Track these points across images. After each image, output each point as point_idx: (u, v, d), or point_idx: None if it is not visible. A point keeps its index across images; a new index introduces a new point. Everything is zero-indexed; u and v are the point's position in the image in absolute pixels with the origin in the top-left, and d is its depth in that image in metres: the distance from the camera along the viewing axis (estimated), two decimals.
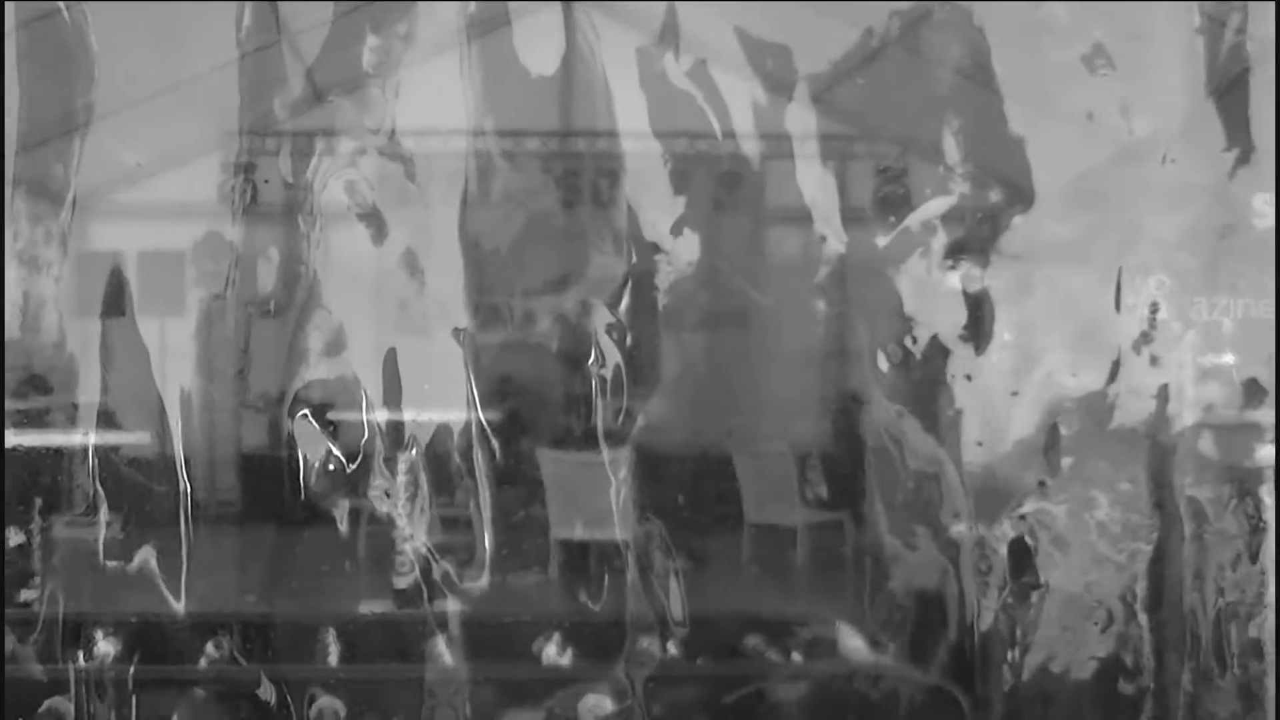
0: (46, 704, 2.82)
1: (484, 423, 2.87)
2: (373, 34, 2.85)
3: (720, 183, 2.86)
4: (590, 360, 2.89)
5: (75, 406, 2.93)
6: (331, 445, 2.88)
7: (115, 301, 2.92)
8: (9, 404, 2.91)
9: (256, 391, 2.97)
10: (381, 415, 2.90)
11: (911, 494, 2.89)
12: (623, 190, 2.87)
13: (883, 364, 2.85)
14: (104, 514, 2.89)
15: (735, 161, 2.89)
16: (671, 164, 2.89)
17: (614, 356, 2.88)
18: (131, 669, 2.85)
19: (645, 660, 2.85)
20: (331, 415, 2.90)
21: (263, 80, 2.91)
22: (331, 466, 2.89)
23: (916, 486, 2.87)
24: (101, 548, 2.90)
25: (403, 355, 2.91)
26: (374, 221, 2.88)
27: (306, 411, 2.89)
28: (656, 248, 2.90)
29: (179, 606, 2.86)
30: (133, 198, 2.93)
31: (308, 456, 2.89)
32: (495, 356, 2.87)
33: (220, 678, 2.83)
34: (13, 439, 2.90)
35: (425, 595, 2.89)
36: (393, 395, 2.90)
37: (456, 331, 2.87)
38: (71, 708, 2.82)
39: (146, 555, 2.88)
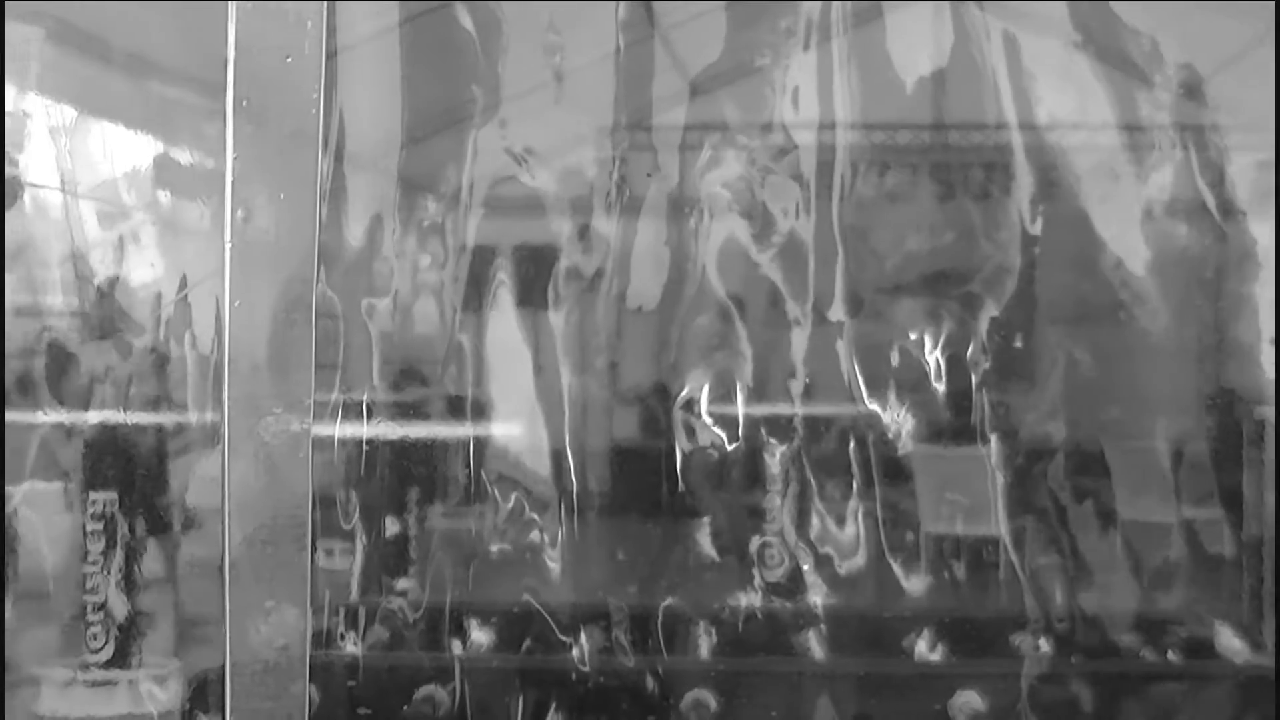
0: (422, 691, 2.86)
1: (862, 416, 2.87)
2: (755, 28, 2.86)
3: (1097, 175, 2.83)
4: (968, 354, 2.88)
5: (456, 398, 2.97)
6: (709, 438, 2.89)
7: (492, 294, 2.95)
8: (388, 396, 2.96)
9: (630, 384, 2.99)
10: (759, 408, 2.91)
11: None
12: (1006, 184, 2.85)
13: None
14: (480, 505, 2.93)
15: (1113, 154, 2.87)
16: (1049, 157, 2.88)
17: (994, 350, 2.87)
18: (507, 659, 2.88)
19: (1020, 658, 2.83)
20: (709, 408, 2.91)
21: (638, 75, 2.93)
22: (708, 459, 2.90)
23: None
24: (478, 538, 2.93)
25: (781, 349, 2.91)
26: (754, 216, 2.89)
27: (687, 404, 2.90)
28: (1035, 240, 2.89)
29: (555, 597, 2.89)
30: (506, 191, 2.96)
31: (684, 449, 2.90)
32: (871, 349, 2.86)
33: (599, 669, 2.84)
34: (392, 430, 2.94)
35: (797, 589, 2.89)
36: (770, 389, 2.90)
37: (835, 325, 2.87)
38: (447, 696, 2.85)
39: (524, 546, 2.91)
